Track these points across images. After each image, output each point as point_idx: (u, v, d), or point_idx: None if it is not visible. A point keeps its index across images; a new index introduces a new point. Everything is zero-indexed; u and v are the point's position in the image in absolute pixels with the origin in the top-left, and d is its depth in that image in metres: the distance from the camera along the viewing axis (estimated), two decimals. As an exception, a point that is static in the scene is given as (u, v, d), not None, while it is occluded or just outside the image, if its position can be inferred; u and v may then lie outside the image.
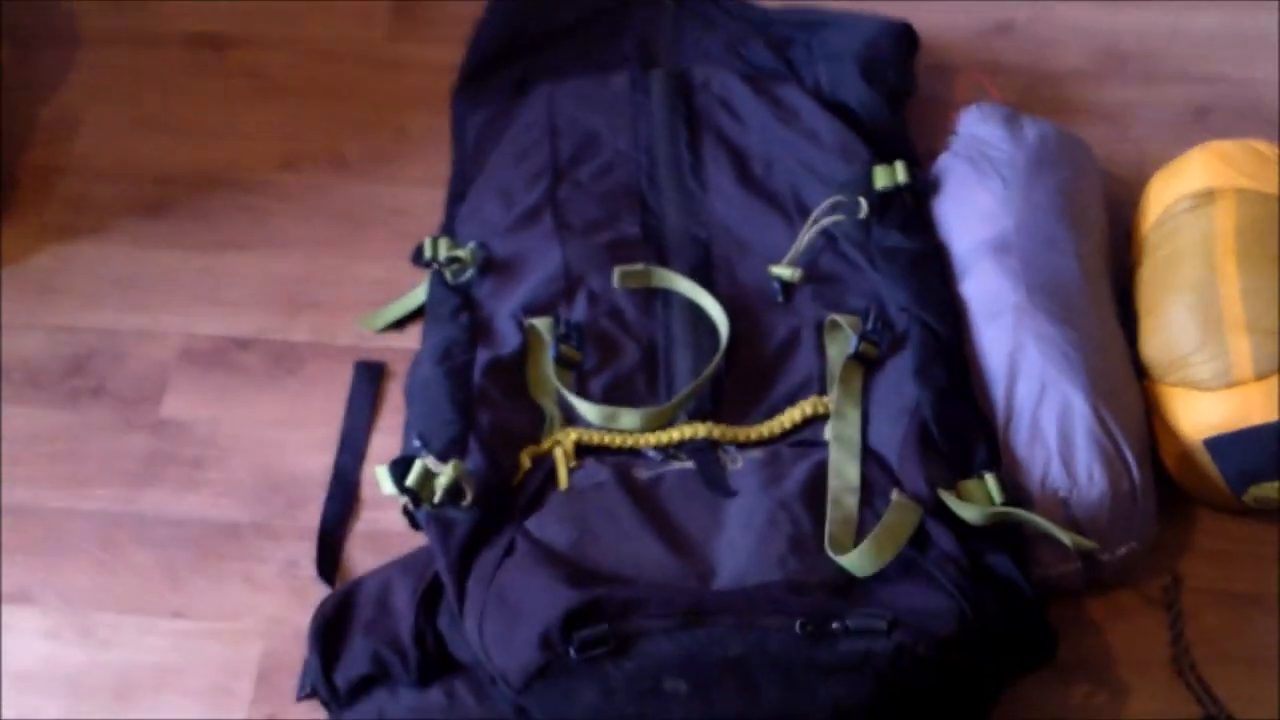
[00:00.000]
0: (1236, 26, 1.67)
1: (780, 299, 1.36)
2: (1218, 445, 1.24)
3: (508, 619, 1.09)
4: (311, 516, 1.34)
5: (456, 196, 1.50)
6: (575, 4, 1.66)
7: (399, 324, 1.46)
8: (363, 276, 1.51)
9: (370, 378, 1.42)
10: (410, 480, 1.18)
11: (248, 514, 1.36)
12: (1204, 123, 1.59)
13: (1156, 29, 1.68)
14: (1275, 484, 1.25)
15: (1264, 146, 1.36)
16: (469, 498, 1.17)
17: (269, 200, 1.58)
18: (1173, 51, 1.66)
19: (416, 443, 1.22)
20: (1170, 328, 1.28)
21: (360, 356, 1.45)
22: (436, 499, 1.17)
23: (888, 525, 1.14)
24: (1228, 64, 1.64)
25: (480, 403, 1.26)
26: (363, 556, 1.32)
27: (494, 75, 1.60)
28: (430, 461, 1.19)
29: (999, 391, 1.26)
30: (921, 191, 1.42)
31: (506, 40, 1.63)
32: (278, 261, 1.53)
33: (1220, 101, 1.61)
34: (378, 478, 1.22)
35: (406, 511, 1.21)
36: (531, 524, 1.17)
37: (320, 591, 1.27)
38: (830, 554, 1.13)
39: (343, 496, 1.35)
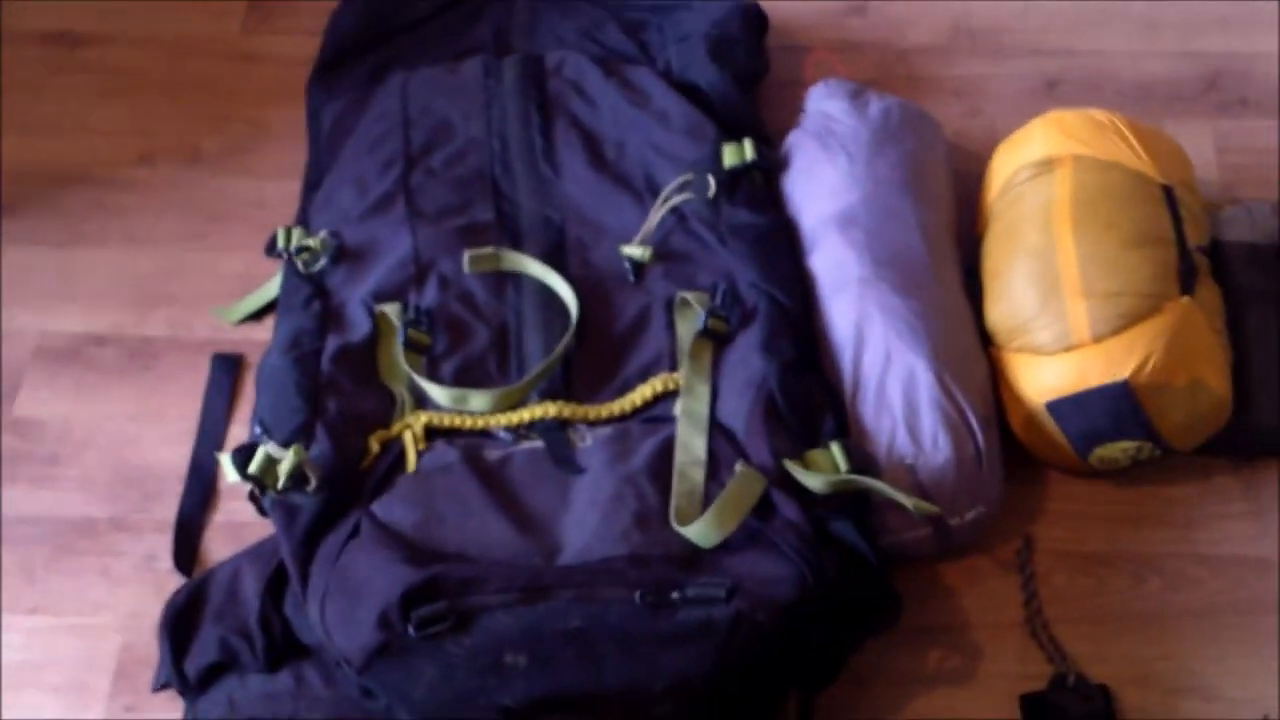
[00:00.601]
0: (1084, 1, 1.70)
1: (632, 279, 1.37)
2: (1059, 408, 1.27)
3: (349, 601, 1.09)
4: (169, 509, 1.34)
5: (312, 186, 1.50)
6: (431, -8, 1.67)
7: (257, 315, 1.46)
8: (220, 270, 1.51)
9: (227, 370, 1.42)
10: (252, 467, 1.18)
11: (105, 509, 1.35)
12: (1054, 95, 1.62)
13: (1006, 4, 1.71)
14: (1118, 445, 1.28)
15: (1101, 115, 1.39)
16: (313, 483, 1.17)
17: (125, 196, 1.58)
18: (1022, 26, 1.69)
19: (258, 430, 1.22)
20: (1011, 295, 1.30)
21: (218, 349, 1.44)
22: (280, 485, 1.17)
23: (730, 496, 1.15)
24: (1076, 37, 1.67)
25: (328, 390, 1.26)
26: (221, 547, 1.31)
27: (350, 65, 1.60)
28: (272, 448, 1.19)
29: (846, 362, 1.28)
30: (770, 168, 1.43)
31: (362, 30, 1.63)
32: (134, 257, 1.52)
33: (1069, 74, 1.64)
34: (222, 466, 1.22)
35: (253, 498, 1.21)
36: (377, 507, 1.17)
37: (179, 584, 1.26)
38: (675, 526, 1.14)
39: (200, 488, 1.35)
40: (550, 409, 1.27)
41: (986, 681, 1.24)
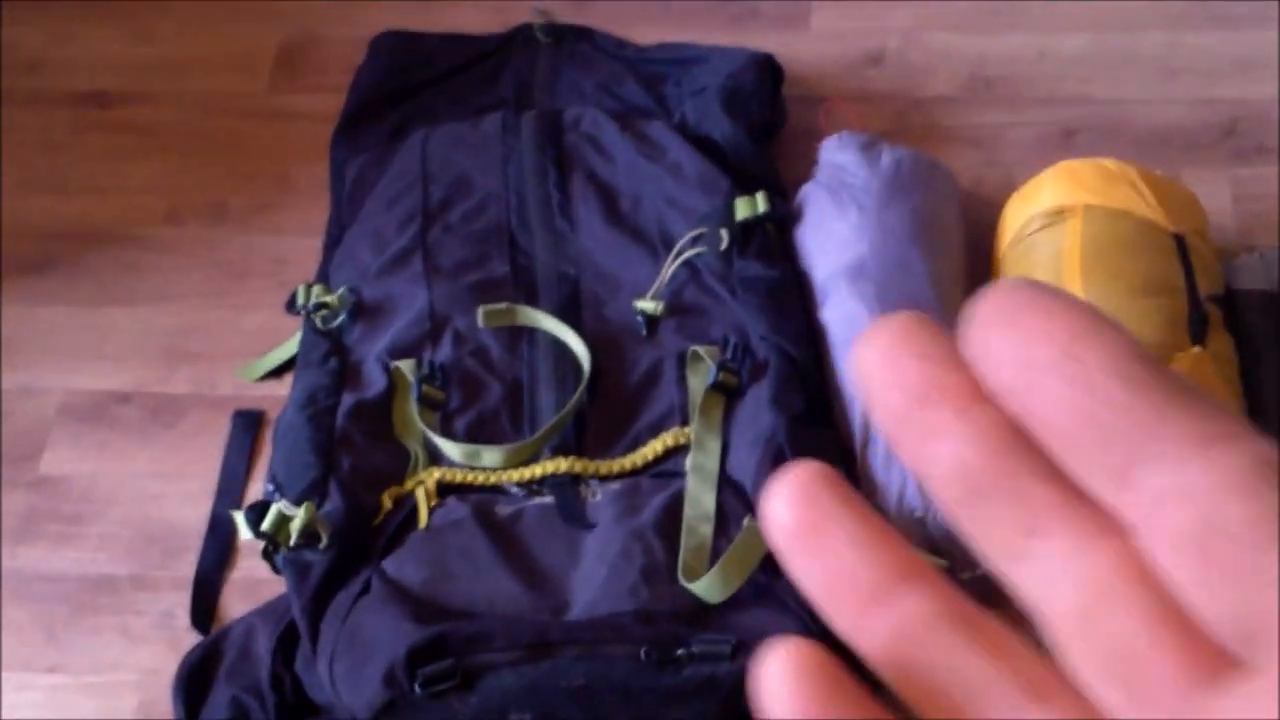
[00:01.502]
0: (1101, 49, 1.70)
1: (644, 333, 1.38)
2: (1069, 460, 1.26)
3: (357, 658, 1.10)
4: (189, 567, 1.35)
5: (333, 243, 1.52)
6: (454, 49, 1.69)
7: (278, 372, 1.48)
8: (244, 326, 1.53)
9: (248, 427, 1.44)
10: (265, 525, 1.20)
11: (125, 567, 1.37)
12: (1070, 144, 1.62)
13: (1024, 53, 1.71)
14: (1129, 497, 1.27)
15: (1112, 164, 1.39)
16: (325, 540, 1.19)
17: (152, 254, 1.60)
18: (1039, 75, 1.69)
19: (269, 487, 1.24)
20: (1022, 346, 1.30)
21: (239, 406, 1.46)
22: (292, 542, 1.19)
23: (737, 551, 1.16)
24: (1093, 85, 1.67)
25: (342, 446, 1.28)
26: (239, 604, 1.32)
27: (373, 121, 1.62)
28: (284, 505, 1.21)
29: (857, 416, 1.29)
30: (783, 221, 1.44)
31: (386, 86, 1.65)
32: (159, 314, 1.55)
33: (1086, 123, 1.64)
34: (237, 523, 1.24)
35: (266, 555, 1.22)
36: (388, 564, 1.19)
37: (196, 641, 1.28)
38: (682, 582, 1.15)
39: (218, 546, 1.36)
40: (562, 464, 1.28)
41: (1001, 734, 1.24)
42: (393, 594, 1.15)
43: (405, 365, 1.35)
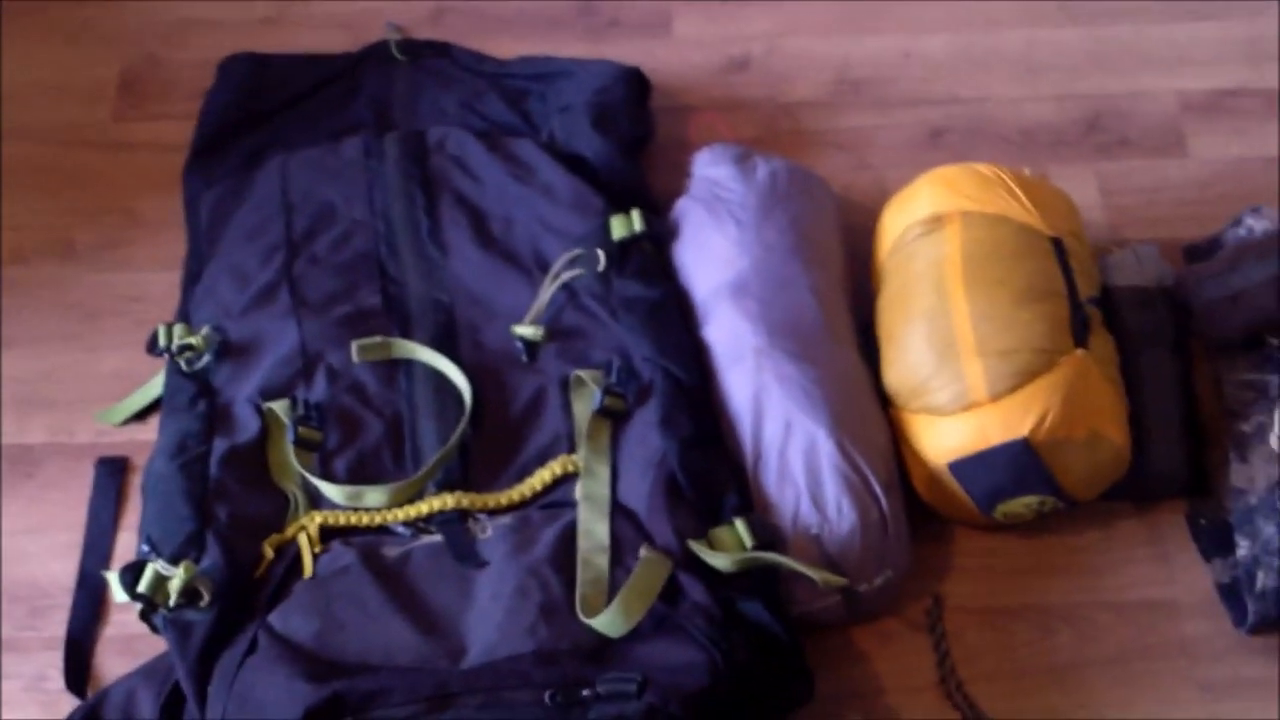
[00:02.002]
0: (964, 48, 1.70)
1: (525, 359, 1.35)
2: (961, 468, 1.26)
3: (249, 722, 1.06)
4: (58, 626, 1.29)
5: (192, 278, 1.46)
6: (307, 70, 1.64)
7: (141, 415, 1.42)
8: (100, 369, 1.46)
9: (112, 475, 1.38)
10: (141, 587, 1.15)
11: (-10, 630, 1.30)
12: (939, 144, 1.62)
13: (887, 55, 1.70)
14: (1021, 500, 1.27)
15: (986, 169, 1.39)
16: (206, 598, 1.14)
17: (-2, 297, 1.53)
18: (904, 76, 1.69)
19: (144, 547, 1.18)
20: (908, 356, 1.30)
21: (101, 453, 1.40)
22: (171, 602, 1.14)
23: (636, 582, 1.13)
24: (959, 85, 1.67)
25: (217, 496, 1.23)
26: (115, 663, 1.27)
27: (226, 149, 1.56)
28: (161, 565, 1.16)
29: (746, 434, 1.27)
30: (660, 238, 1.42)
31: (238, 111, 1.59)
32: (9, 361, 1.48)
33: (954, 122, 1.64)
34: (110, 585, 1.18)
35: (144, 616, 1.17)
36: (274, 617, 1.14)
37: (72, 704, 1.21)
38: (581, 618, 1.12)
39: (89, 603, 1.30)
40: (448, 500, 1.24)
41: (904, 746, 1.23)
42: (282, 651, 1.10)
43: (278, 406, 1.30)
